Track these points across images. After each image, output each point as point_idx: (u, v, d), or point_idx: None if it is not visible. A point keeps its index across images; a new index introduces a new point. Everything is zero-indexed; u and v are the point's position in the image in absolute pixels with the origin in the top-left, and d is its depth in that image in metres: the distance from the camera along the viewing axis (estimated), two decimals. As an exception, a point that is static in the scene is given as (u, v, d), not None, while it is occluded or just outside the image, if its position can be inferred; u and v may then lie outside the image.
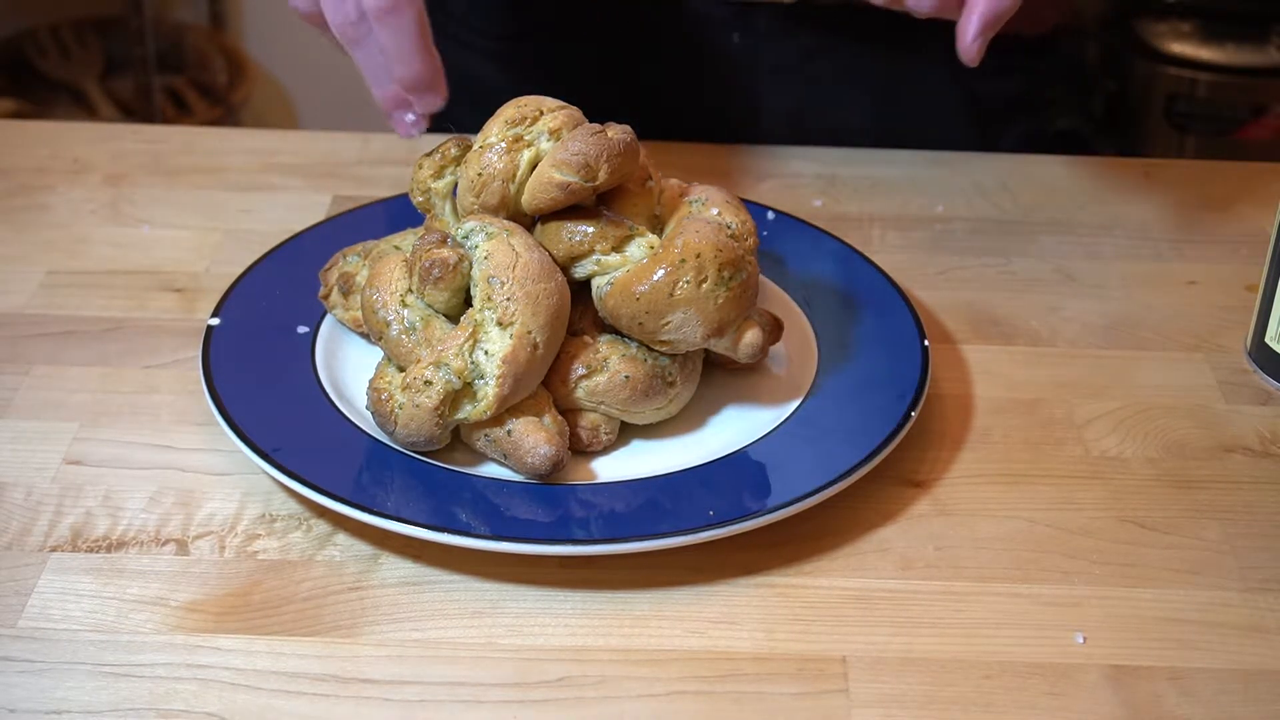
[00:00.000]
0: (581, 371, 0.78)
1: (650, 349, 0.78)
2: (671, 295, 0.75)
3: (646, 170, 0.81)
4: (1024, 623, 0.71)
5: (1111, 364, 0.89)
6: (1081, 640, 0.70)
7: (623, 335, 0.80)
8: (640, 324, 0.76)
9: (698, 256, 0.75)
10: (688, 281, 0.75)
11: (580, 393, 0.78)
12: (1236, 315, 0.93)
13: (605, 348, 0.79)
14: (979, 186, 1.07)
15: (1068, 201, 1.06)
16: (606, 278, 0.77)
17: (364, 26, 0.85)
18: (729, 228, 0.79)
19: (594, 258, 0.78)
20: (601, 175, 0.77)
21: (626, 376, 0.77)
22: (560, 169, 0.77)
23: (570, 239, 0.78)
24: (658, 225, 0.81)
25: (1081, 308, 0.94)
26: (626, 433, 0.80)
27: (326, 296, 0.86)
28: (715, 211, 0.80)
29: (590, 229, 0.78)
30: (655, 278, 0.75)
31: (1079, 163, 1.12)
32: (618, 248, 0.78)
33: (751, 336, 0.77)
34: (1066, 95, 2.37)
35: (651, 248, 0.77)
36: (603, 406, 0.78)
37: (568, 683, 0.67)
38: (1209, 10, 2.21)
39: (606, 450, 0.79)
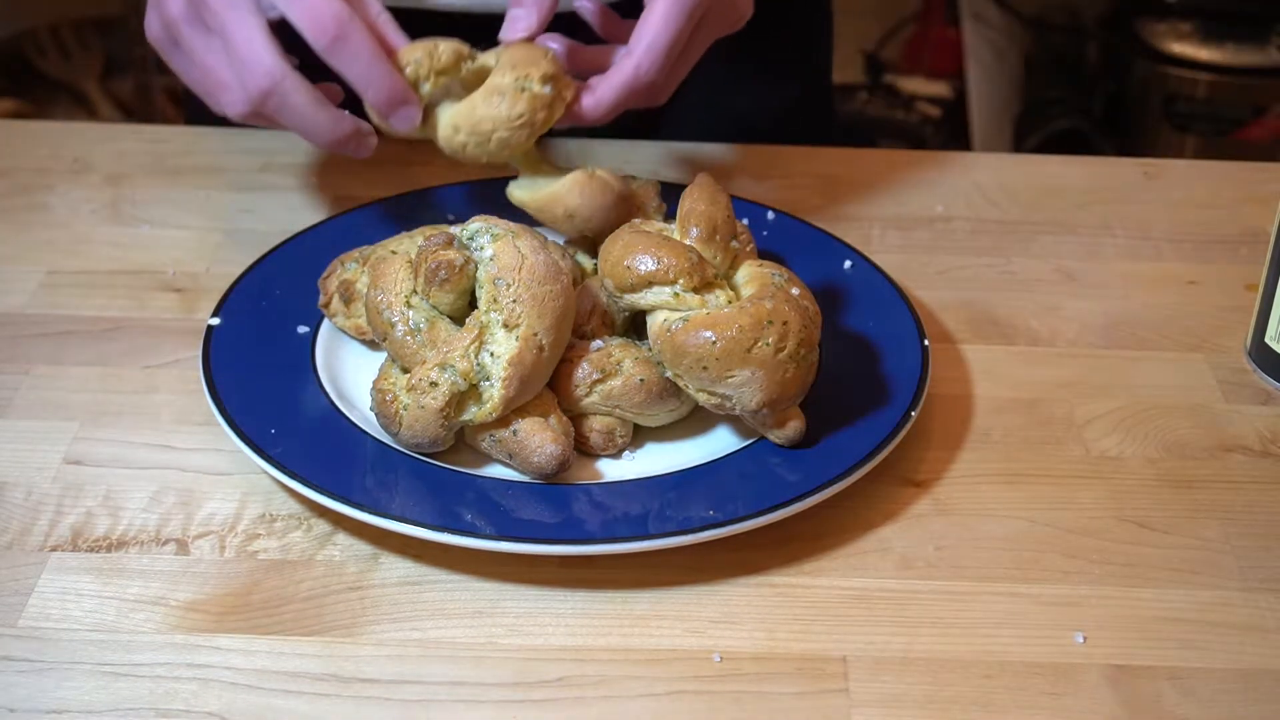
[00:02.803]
0: (596, 376, 0.77)
1: None
2: (749, 350, 0.74)
3: (734, 227, 0.80)
4: (1024, 622, 0.71)
5: (1111, 364, 0.89)
6: (1081, 640, 0.70)
7: (634, 338, 0.80)
8: (705, 368, 0.74)
9: (785, 323, 0.74)
10: (768, 343, 0.74)
11: (595, 397, 0.78)
12: (1236, 315, 0.93)
13: (618, 351, 0.78)
14: (979, 186, 1.07)
15: (1068, 201, 1.06)
16: (680, 314, 0.76)
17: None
18: (807, 310, 0.78)
19: (673, 289, 0.76)
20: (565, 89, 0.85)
21: (641, 379, 0.77)
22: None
23: (651, 266, 0.76)
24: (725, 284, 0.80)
25: (1081, 308, 0.94)
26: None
27: (327, 305, 0.86)
28: (796, 291, 0.78)
29: (677, 261, 0.76)
30: (738, 327, 0.74)
31: (1079, 163, 1.12)
32: (700, 289, 0.77)
33: (797, 424, 0.76)
34: (1067, 95, 2.37)
35: (730, 301, 0.76)
36: (618, 410, 0.78)
37: (568, 682, 0.67)
38: (1209, 10, 2.21)
39: (620, 452, 0.78)
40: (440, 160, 1.07)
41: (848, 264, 0.92)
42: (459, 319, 0.78)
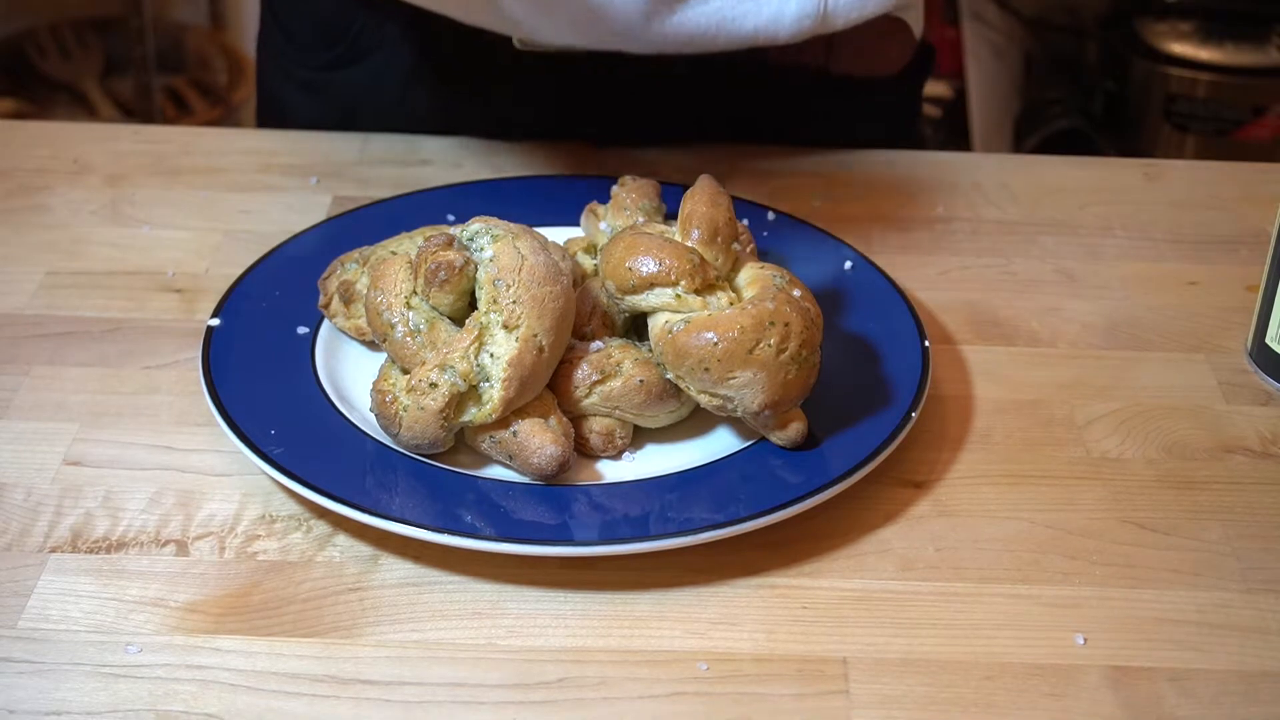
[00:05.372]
0: (595, 377, 0.77)
1: None
2: (751, 352, 0.74)
3: (735, 229, 0.79)
4: (1024, 624, 0.71)
5: (1112, 364, 0.89)
6: (1082, 641, 0.70)
7: (634, 340, 0.79)
8: (706, 369, 0.74)
9: (786, 325, 0.74)
10: (770, 344, 0.74)
11: (595, 398, 0.77)
12: (1237, 316, 0.93)
13: (618, 352, 0.78)
14: (979, 186, 1.07)
15: (1068, 201, 1.06)
16: (681, 316, 0.76)
17: None
18: (808, 312, 0.78)
19: (674, 291, 0.76)
20: None
21: (641, 380, 0.77)
22: None
23: (653, 268, 0.76)
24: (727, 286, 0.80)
25: (1082, 308, 0.94)
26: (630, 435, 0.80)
27: (327, 305, 0.86)
28: (798, 294, 0.78)
29: (679, 263, 0.76)
30: (740, 328, 0.74)
31: (1079, 163, 1.12)
32: (701, 291, 0.76)
33: (799, 426, 0.76)
34: (1067, 95, 2.37)
35: (732, 303, 0.76)
36: (617, 411, 0.78)
37: (568, 684, 0.67)
38: (1209, 10, 2.21)
39: (620, 454, 0.78)
40: (440, 160, 1.08)
41: (848, 265, 0.92)
42: (459, 320, 0.78)
